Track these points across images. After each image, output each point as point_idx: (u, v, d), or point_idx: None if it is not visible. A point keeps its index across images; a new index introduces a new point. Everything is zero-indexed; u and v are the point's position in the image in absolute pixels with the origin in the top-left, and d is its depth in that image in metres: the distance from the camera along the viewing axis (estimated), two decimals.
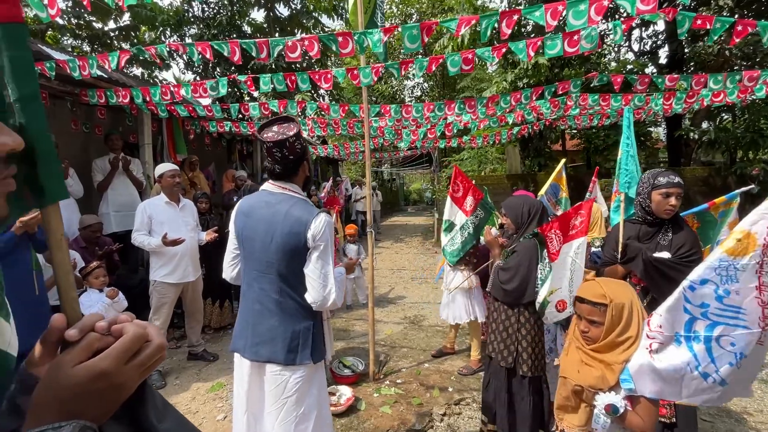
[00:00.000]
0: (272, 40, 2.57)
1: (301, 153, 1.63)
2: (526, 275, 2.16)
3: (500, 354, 2.26)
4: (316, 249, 1.57)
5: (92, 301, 3.12)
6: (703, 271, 1.17)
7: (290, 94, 8.89)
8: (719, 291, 1.14)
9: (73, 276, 0.52)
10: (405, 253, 9.43)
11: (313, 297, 1.58)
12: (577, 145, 13.27)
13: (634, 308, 1.37)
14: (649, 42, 12.38)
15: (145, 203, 3.43)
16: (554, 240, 1.97)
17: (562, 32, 2.60)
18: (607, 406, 1.29)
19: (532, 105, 5.10)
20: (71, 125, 4.85)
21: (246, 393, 1.66)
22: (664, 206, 2.03)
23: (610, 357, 1.36)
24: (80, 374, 0.43)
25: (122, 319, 0.50)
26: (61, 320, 0.48)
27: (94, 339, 0.46)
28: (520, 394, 2.20)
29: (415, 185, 28.87)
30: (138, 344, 0.48)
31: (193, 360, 3.75)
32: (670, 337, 1.23)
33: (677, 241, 2.02)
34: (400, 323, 4.70)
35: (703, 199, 2.90)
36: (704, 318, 1.17)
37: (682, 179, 2.09)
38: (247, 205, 1.69)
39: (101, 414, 0.45)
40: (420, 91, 21.70)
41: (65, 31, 10.81)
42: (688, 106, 5.05)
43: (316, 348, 1.65)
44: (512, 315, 2.25)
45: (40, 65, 3.34)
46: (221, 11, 10.74)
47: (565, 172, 4.11)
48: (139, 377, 0.48)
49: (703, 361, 1.17)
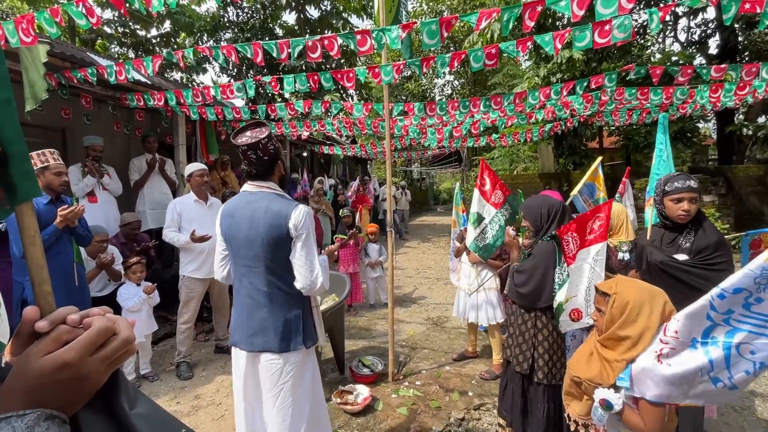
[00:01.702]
0: (293, 41, 2.60)
1: (275, 153, 1.73)
2: (541, 279, 2.08)
3: (516, 359, 2.21)
4: (299, 238, 1.66)
5: (130, 294, 3.31)
6: (739, 280, 1.08)
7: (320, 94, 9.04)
8: (751, 299, 1.07)
9: (47, 270, 0.54)
10: (431, 253, 9.33)
11: (301, 283, 1.66)
12: (616, 142, 12.61)
13: (644, 310, 1.32)
14: (698, 31, 11.56)
15: (175, 201, 3.58)
16: (570, 243, 1.89)
17: (592, 23, 2.47)
18: (602, 400, 1.32)
19: (564, 101, 4.89)
20: (113, 127, 5.16)
21: (243, 384, 1.75)
22: (676, 212, 1.98)
23: (611, 354, 1.38)
24: (46, 365, 0.45)
25: (94, 312, 0.51)
26: (34, 312, 0.49)
27: (63, 331, 0.47)
28: (535, 401, 2.13)
29: (446, 184, 28.53)
30: (103, 337, 0.48)
31: (220, 353, 3.88)
32: (685, 343, 1.17)
33: (699, 243, 1.95)
34: (422, 324, 4.65)
35: (758, 200, 2.68)
36: (725, 324, 1.11)
37: (734, 178, 1.97)
38: (231, 206, 1.79)
39: (68, 403, 0.47)
40: (450, 89, 21.44)
41: (113, 40, 11.54)
42: (740, 99, 4.65)
43: (308, 334, 1.74)
44: (529, 319, 2.18)
45: (83, 71, 3.57)
46: (254, 15, 11.08)
47: (602, 170, 3.92)
48: (106, 369, 0.49)
49: (718, 367, 1.12)
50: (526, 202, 2.32)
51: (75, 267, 3.00)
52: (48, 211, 2.83)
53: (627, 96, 4.51)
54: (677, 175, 2.03)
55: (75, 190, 3.88)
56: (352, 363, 3.37)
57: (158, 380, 3.39)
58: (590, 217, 1.90)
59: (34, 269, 0.53)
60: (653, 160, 2.34)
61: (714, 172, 8.53)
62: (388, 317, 3.30)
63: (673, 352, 1.20)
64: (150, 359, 3.48)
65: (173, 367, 3.56)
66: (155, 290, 3.40)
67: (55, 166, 2.83)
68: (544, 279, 2.08)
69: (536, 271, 2.12)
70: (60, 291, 2.86)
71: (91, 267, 3.41)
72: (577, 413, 1.49)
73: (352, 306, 5.11)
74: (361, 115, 5.13)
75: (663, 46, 13.19)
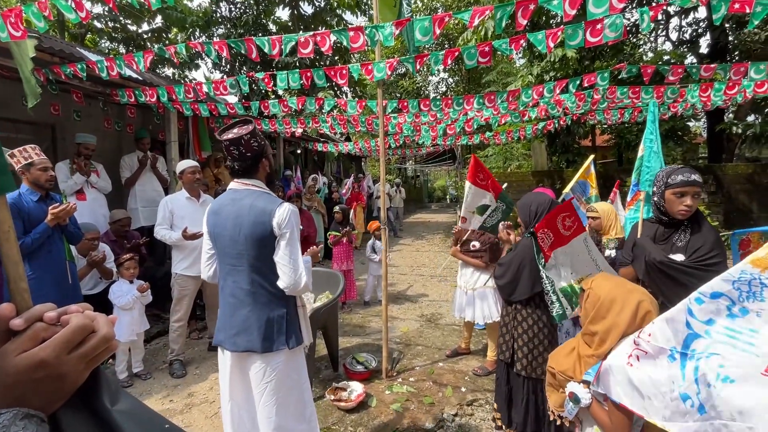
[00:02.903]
0: (285, 37, 2.59)
1: (259, 150, 1.72)
2: (516, 272, 2.20)
3: (499, 348, 2.36)
4: (283, 237, 1.64)
5: (123, 291, 3.28)
6: (716, 284, 1.00)
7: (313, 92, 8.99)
8: (734, 309, 0.98)
9: (22, 266, 0.52)
10: (425, 250, 9.36)
11: (285, 282, 1.64)
12: (608, 140, 12.71)
13: (614, 307, 1.31)
14: (689, 30, 11.67)
15: (167, 198, 3.56)
16: (545, 239, 1.92)
17: (585, 21, 2.49)
18: (571, 393, 1.35)
19: (557, 99, 4.92)
20: (104, 124, 5.10)
21: (229, 383, 1.75)
22: (677, 206, 1.86)
23: (585, 350, 1.40)
24: (21, 363, 0.44)
25: (72, 309, 0.50)
26: (9, 309, 0.48)
27: (39, 329, 0.46)
28: (516, 391, 2.23)
29: (440, 182, 28.58)
30: (80, 335, 0.47)
31: (214, 351, 3.86)
32: (662, 350, 1.10)
33: (695, 242, 1.85)
34: (416, 321, 4.67)
35: (746, 198, 2.66)
36: (707, 336, 1.02)
37: (723, 176, 1.91)
38: (216, 204, 1.79)
39: (46, 402, 0.46)
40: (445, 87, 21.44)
41: (103, 34, 11.36)
42: (729, 98, 4.72)
43: (292, 334, 1.72)
44: (511, 311, 2.30)
45: (72, 66, 3.52)
46: (247, 11, 10.97)
47: (595, 168, 3.94)
48: (85, 367, 0.48)
49: (688, 380, 1.02)
50: (521, 200, 2.37)
51: (67, 265, 2.97)
52: (38, 209, 2.79)
53: (619, 95, 4.55)
54: (681, 168, 1.91)
55: (63, 188, 3.83)
56: (346, 360, 3.38)
57: (151, 378, 3.37)
58: (557, 215, 1.93)
59: (10, 266, 0.51)
60: (641, 151, 2.25)
61: (704, 170, 8.65)
62: (382, 314, 3.32)
63: (645, 356, 1.13)
64: (143, 357, 3.45)
65: (166, 365, 3.55)
66: (148, 289, 3.37)
67: (40, 161, 2.76)
68: (519, 272, 2.19)
69: (512, 265, 2.24)
70: (53, 289, 2.82)
71: (82, 265, 3.38)
72: (553, 404, 1.52)
73: (346, 303, 5.11)
74: (355, 112, 5.12)
75: (655, 45, 13.31)
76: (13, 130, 4.20)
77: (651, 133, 2.22)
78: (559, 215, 1.94)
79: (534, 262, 2.04)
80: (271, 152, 1.81)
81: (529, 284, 2.19)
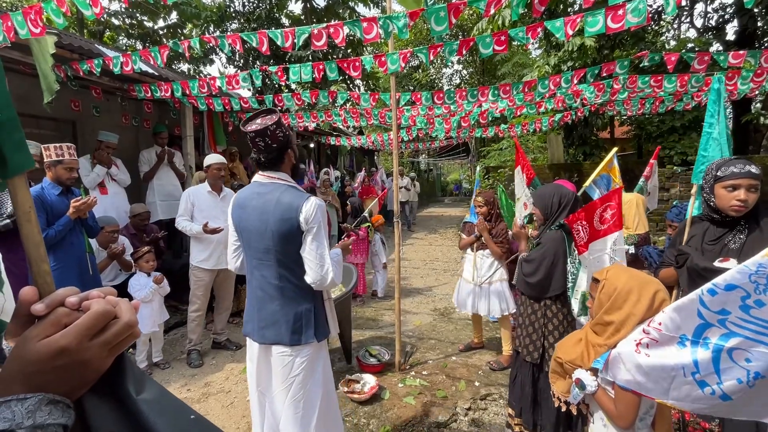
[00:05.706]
0: (298, 29, 2.58)
1: (284, 141, 1.67)
2: (550, 268, 2.06)
3: (526, 349, 2.19)
4: (310, 232, 1.62)
5: (141, 285, 3.36)
6: (732, 276, 0.99)
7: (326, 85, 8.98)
8: (748, 301, 0.97)
9: (44, 248, 0.51)
10: (438, 244, 9.31)
11: (312, 277, 1.63)
12: (627, 132, 12.36)
13: (631, 297, 1.31)
14: (715, 17, 11.19)
15: (189, 190, 3.61)
16: (581, 232, 1.84)
17: (606, 7, 2.40)
18: (577, 379, 1.37)
19: (574, 89, 4.79)
20: (122, 119, 5.20)
21: (255, 372, 1.76)
22: (729, 202, 1.63)
23: (596, 339, 1.39)
24: (42, 350, 0.43)
25: (93, 295, 0.49)
26: (31, 293, 0.47)
27: (62, 314, 0.46)
28: (546, 391, 2.11)
29: (453, 176, 28.34)
30: (102, 322, 0.46)
31: (218, 348, 3.80)
32: (672, 338, 1.10)
33: (751, 244, 1.60)
34: (429, 315, 4.66)
35: None
36: (721, 326, 1.02)
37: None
38: (242, 197, 1.76)
39: (70, 389, 0.45)
40: (459, 79, 21.16)
41: (120, 31, 11.57)
42: (757, 86, 4.51)
43: (319, 327, 1.73)
44: (538, 309, 2.17)
45: (90, 63, 3.58)
46: (260, 5, 11.00)
47: (617, 161, 3.82)
48: (108, 354, 0.47)
49: (705, 370, 1.04)
50: (538, 190, 2.28)
51: (87, 257, 3.06)
52: (60, 202, 2.87)
53: (640, 84, 4.40)
54: (734, 159, 1.68)
55: (86, 182, 3.93)
56: (359, 352, 3.40)
57: (169, 368, 3.45)
58: (599, 205, 1.84)
59: (31, 247, 0.50)
60: (701, 137, 1.91)
61: None
62: (395, 308, 3.31)
63: (655, 343, 1.14)
64: (161, 347, 3.54)
65: (184, 355, 3.62)
66: (164, 279, 3.44)
67: (69, 161, 2.86)
68: (552, 268, 2.05)
69: (545, 261, 2.08)
70: (75, 281, 2.91)
71: (102, 258, 3.47)
72: (559, 391, 1.55)
73: (359, 296, 5.14)
74: (368, 105, 5.09)
75: (678, 32, 12.81)
76: (35, 126, 4.31)
77: (712, 116, 1.87)
78: (603, 205, 1.83)
79: (566, 256, 1.97)
80: (296, 142, 1.77)
81: (563, 280, 2.07)
